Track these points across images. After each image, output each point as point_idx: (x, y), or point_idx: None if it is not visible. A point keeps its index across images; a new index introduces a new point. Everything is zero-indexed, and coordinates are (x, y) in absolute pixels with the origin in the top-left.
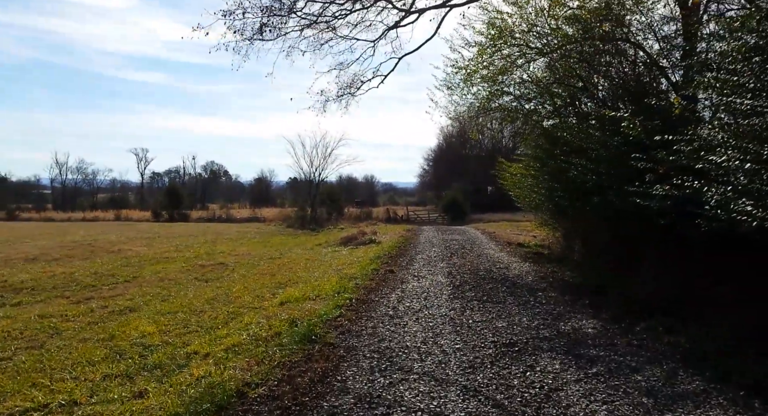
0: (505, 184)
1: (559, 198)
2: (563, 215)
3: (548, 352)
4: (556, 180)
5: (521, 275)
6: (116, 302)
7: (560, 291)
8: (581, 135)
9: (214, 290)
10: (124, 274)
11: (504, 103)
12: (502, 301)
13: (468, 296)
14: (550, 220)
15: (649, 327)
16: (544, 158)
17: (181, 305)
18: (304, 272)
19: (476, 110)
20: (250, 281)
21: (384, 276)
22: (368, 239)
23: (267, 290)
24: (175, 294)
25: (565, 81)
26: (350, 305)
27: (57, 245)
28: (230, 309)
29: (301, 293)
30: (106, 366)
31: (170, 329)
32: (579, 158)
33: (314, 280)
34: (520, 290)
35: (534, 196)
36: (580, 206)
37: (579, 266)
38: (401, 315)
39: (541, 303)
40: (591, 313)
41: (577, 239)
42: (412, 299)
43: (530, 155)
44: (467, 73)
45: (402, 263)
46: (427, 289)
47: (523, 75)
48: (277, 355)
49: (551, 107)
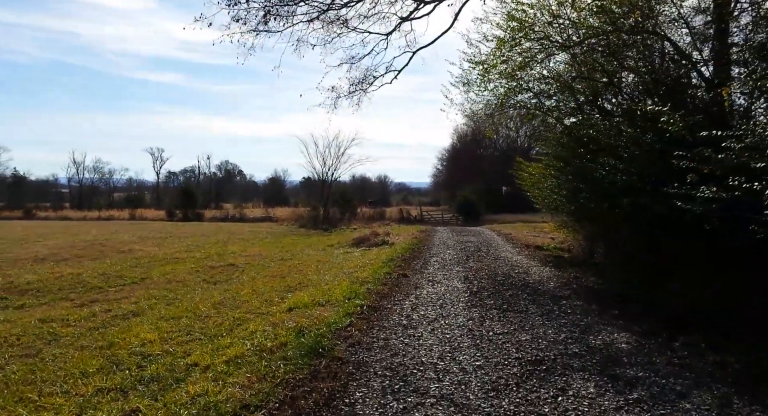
0: (523, 184)
1: (584, 200)
2: (587, 217)
3: (580, 372)
4: (580, 180)
5: (542, 281)
6: (120, 306)
7: (585, 299)
8: (610, 132)
9: (222, 294)
10: (132, 275)
11: (523, 99)
12: (523, 310)
13: (487, 304)
14: (571, 222)
15: (689, 343)
16: (568, 157)
17: (186, 309)
18: (315, 275)
19: (493, 107)
20: (259, 284)
21: (397, 281)
22: (381, 241)
23: (276, 294)
24: (181, 297)
25: (588, 76)
26: (361, 312)
27: (68, 244)
28: (236, 315)
29: (310, 299)
30: (101, 378)
31: (172, 336)
32: (607, 157)
33: (324, 284)
34: (543, 298)
35: (554, 197)
36: (606, 208)
37: (602, 271)
38: (416, 325)
39: (566, 313)
40: (622, 325)
41: (600, 243)
42: (427, 306)
43: (551, 154)
44: (485, 68)
45: (416, 267)
46: (443, 295)
47: (543, 71)
48: (281, 371)
49: (573, 103)
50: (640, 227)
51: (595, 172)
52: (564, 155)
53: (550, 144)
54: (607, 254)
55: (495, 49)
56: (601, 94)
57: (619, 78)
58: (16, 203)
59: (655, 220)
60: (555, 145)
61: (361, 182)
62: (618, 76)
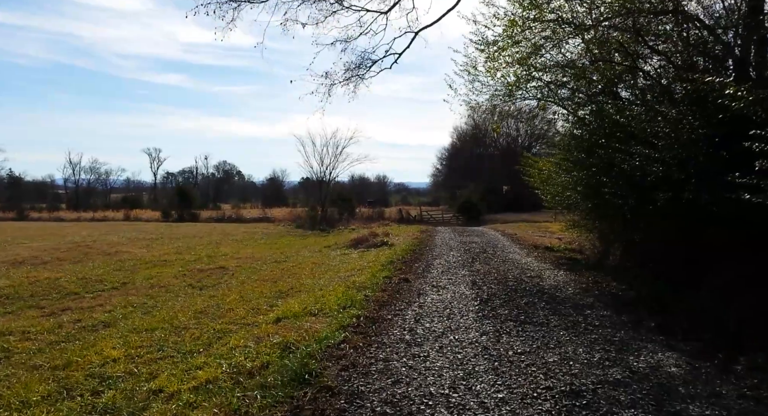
0: (531, 181)
1: (609, 196)
2: (605, 215)
3: (631, 409)
4: (603, 173)
5: (559, 286)
6: (92, 315)
7: (613, 308)
8: (642, 117)
9: (206, 301)
10: (113, 280)
11: (535, 86)
12: (544, 322)
13: (501, 314)
14: (584, 221)
15: (755, 367)
16: (589, 148)
17: (163, 319)
18: (309, 278)
19: (501, 98)
20: (248, 289)
21: (398, 286)
22: (380, 241)
23: (264, 301)
24: (161, 305)
25: (608, 59)
26: (357, 325)
27: (52, 246)
28: (218, 326)
29: (301, 307)
30: (43, 409)
31: (141, 353)
32: (640, 145)
33: (318, 289)
34: (563, 307)
35: (568, 194)
36: (633, 203)
37: (623, 274)
38: (420, 342)
39: (594, 326)
40: (664, 342)
41: (617, 244)
42: (433, 317)
43: (564, 147)
44: (494, 51)
45: (418, 270)
46: (450, 303)
47: (558, 56)
48: (256, 405)
49: (588, 92)
50: (678, 225)
51: (623, 163)
52: (584, 145)
53: (564, 137)
54: (624, 255)
55: (507, 28)
56: (622, 80)
57: (644, 59)
58: (12, 204)
59: (699, 215)
60: (570, 136)
61: (360, 182)
62: (642, 56)
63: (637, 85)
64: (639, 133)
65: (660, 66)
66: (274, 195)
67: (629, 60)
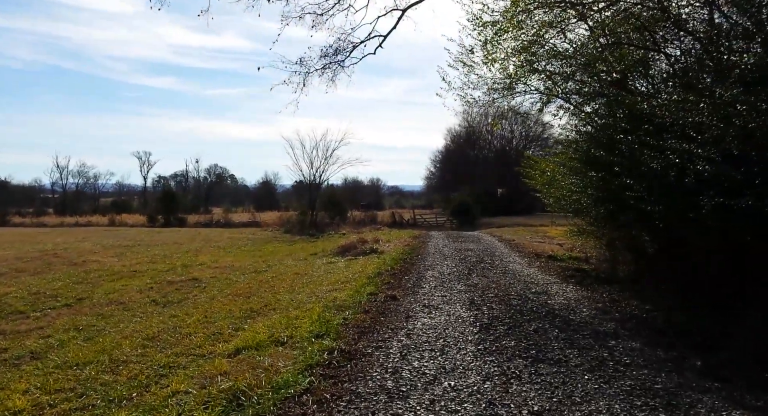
0: (532, 183)
1: (634, 200)
2: (623, 223)
3: None
4: (626, 174)
5: (570, 306)
6: (24, 343)
7: (642, 338)
8: (684, 105)
9: (165, 321)
10: (70, 295)
11: (536, 79)
12: (562, 360)
13: (506, 347)
14: (591, 228)
15: None
16: (605, 144)
17: (104, 349)
18: (287, 293)
19: (500, 91)
20: (216, 307)
21: (383, 306)
22: (369, 249)
23: (230, 323)
24: (110, 328)
25: (627, 43)
26: (329, 363)
27: (15, 256)
28: (165, 360)
29: (268, 333)
30: None
31: (56, 400)
32: (675, 139)
33: (294, 308)
34: (581, 336)
35: (575, 198)
36: (664, 210)
37: (642, 291)
38: (406, 392)
39: (625, 365)
40: (722, 392)
41: (629, 255)
42: (423, 351)
43: (572, 146)
44: (494, 33)
45: (407, 284)
46: (444, 331)
47: (565, 44)
48: None
49: (597, 84)
50: (724, 236)
51: (652, 161)
52: (602, 141)
53: (573, 136)
54: (640, 268)
55: (509, 7)
56: (638, 70)
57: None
58: None
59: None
60: (583, 133)
61: (354, 185)
62: (666, 40)
63: (662, 70)
64: (673, 124)
65: (689, 48)
66: (266, 199)
67: (650, 39)
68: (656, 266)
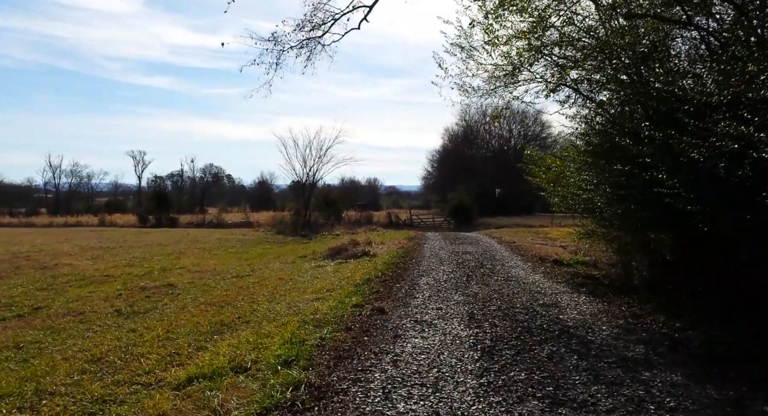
0: (535, 181)
1: (671, 199)
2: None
3: None
4: (658, 167)
5: (587, 323)
6: None
7: (684, 368)
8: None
9: (120, 338)
10: (27, 303)
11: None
12: (587, 402)
13: (515, 380)
14: (602, 230)
15: None
16: (632, 130)
17: (34, 375)
18: (266, 302)
19: (503, 78)
20: (184, 319)
21: (368, 321)
22: (361, 251)
23: (193, 340)
24: (53, 347)
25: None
26: (292, 403)
27: None
28: (99, 392)
29: (231, 356)
30: None
31: None
32: (725, 121)
33: (269, 321)
34: (607, 365)
35: (585, 196)
36: (706, 210)
37: (666, 302)
38: None
39: (671, 411)
40: None
41: (644, 260)
42: (412, 387)
43: (586, 139)
44: (496, 5)
45: (398, 294)
46: (438, 356)
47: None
48: None
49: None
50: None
51: (692, 150)
52: (626, 128)
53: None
54: (658, 275)
55: None
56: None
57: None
58: None
59: None
60: (598, 123)
61: (351, 184)
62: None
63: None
64: (719, 104)
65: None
66: (262, 199)
67: (682, 14)
68: (677, 273)
